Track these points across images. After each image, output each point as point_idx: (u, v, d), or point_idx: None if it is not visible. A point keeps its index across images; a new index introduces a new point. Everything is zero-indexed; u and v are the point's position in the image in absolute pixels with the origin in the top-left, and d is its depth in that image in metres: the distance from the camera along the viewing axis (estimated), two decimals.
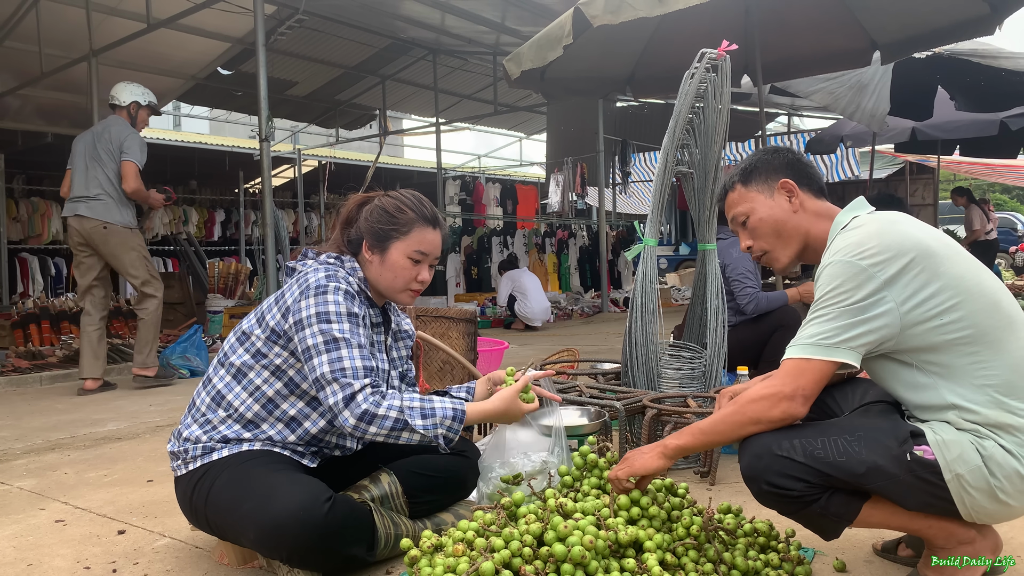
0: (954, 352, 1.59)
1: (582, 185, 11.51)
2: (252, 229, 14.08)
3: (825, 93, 7.98)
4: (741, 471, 1.73)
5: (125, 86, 5.53)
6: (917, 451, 1.57)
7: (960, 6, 5.27)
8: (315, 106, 12.48)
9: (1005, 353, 1.58)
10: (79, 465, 3.33)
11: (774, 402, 1.64)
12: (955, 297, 1.58)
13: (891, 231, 1.63)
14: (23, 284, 11.36)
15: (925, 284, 1.58)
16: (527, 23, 8.46)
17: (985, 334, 1.58)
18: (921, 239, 1.62)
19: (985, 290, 1.62)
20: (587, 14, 4.45)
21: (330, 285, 1.96)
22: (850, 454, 1.59)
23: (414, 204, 2.10)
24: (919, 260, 1.59)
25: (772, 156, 1.92)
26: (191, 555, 2.19)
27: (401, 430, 1.89)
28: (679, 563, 1.71)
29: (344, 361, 1.88)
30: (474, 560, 1.57)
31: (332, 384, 1.87)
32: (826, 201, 1.88)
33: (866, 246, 1.62)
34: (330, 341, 1.90)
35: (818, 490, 1.63)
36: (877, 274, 1.59)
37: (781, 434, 1.67)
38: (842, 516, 1.66)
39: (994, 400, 1.56)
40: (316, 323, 1.91)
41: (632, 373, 3.17)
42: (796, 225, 1.85)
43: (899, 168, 16.04)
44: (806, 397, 1.63)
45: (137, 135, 5.40)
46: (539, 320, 9.61)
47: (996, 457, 1.54)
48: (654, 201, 3.24)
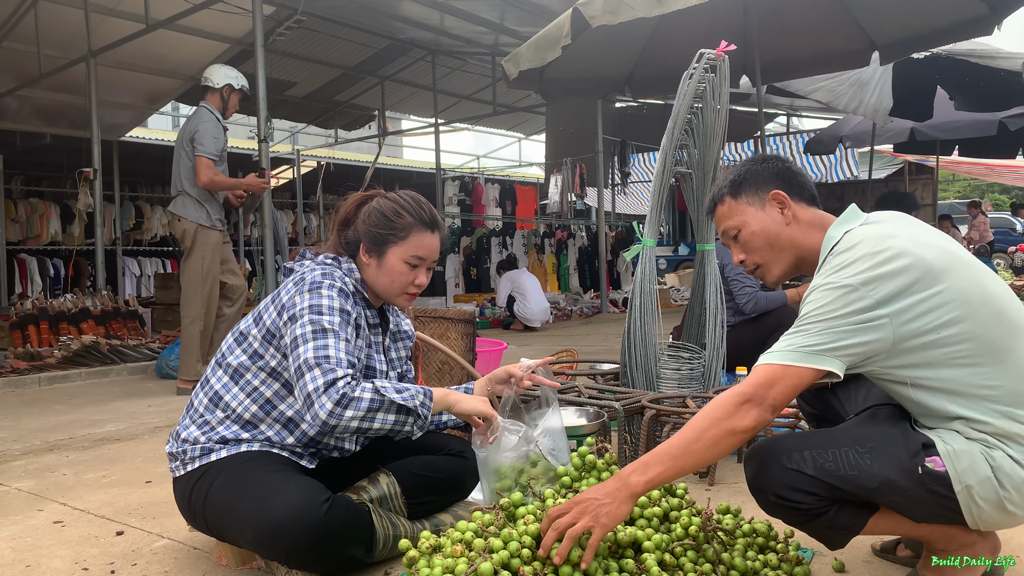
0: (955, 367, 1.54)
1: (581, 185, 11.51)
2: (251, 230, 14.06)
3: (826, 91, 7.99)
4: (747, 481, 1.71)
5: (219, 68, 5.37)
6: (928, 463, 1.53)
7: (959, 6, 5.28)
8: (314, 107, 12.48)
9: (1011, 362, 1.54)
10: (77, 466, 3.33)
11: (745, 411, 1.54)
12: (954, 311, 1.53)
13: (883, 247, 1.56)
14: (22, 285, 11.35)
15: (921, 301, 1.52)
16: (526, 24, 8.46)
17: (988, 345, 1.53)
18: (916, 252, 1.55)
19: (988, 299, 1.56)
20: (586, 15, 4.45)
21: (324, 282, 1.96)
22: (862, 468, 1.56)
23: (412, 208, 2.08)
24: (914, 276, 1.53)
25: (761, 166, 1.85)
26: (189, 556, 2.19)
27: (376, 410, 1.82)
28: (678, 563, 1.71)
29: (329, 349, 1.86)
30: (472, 561, 1.57)
31: (314, 369, 1.82)
32: (818, 210, 1.82)
33: (858, 266, 1.56)
34: (319, 331, 1.88)
35: (827, 503, 1.60)
36: (869, 293, 1.53)
37: (790, 443, 1.65)
38: (850, 528, 1.64)
39: (1001, 411, 1.53)
40: (308, 314, 1.90)
41: (631, 373, 3.17)
42: (790, 238, 1.79)
43: (898, 168, 16.06)
44: (775, 407, 1.55)
45: (210, 124, 5.16)
46: (538, 321, 9.61)
47: (1005, 468, 1.51)
48: (653, 202, 3.24)
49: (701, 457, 1.57)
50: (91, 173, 7.98)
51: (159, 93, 10.80)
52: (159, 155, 14.01)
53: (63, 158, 12.18)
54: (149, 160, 14.01)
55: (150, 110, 11.52)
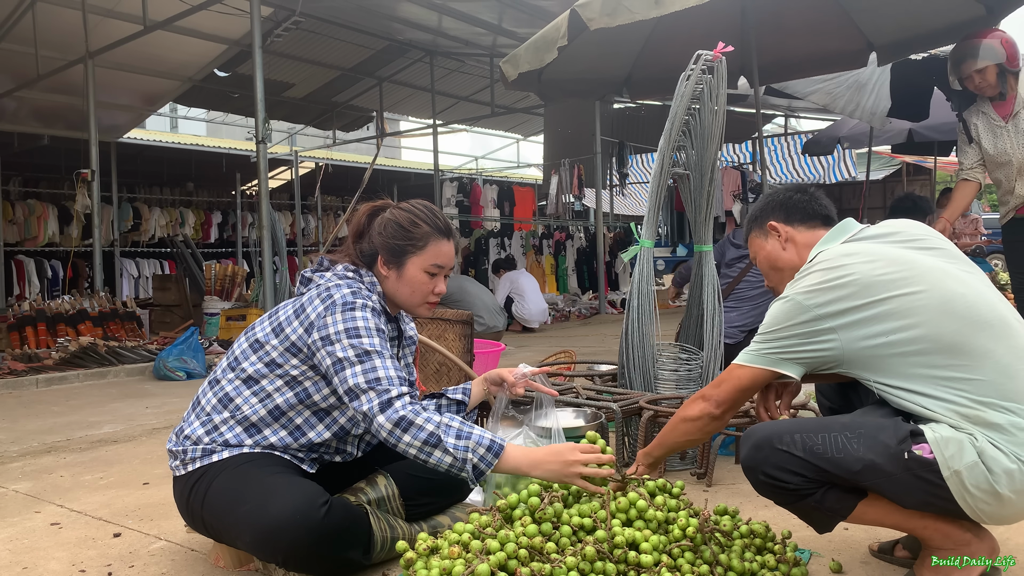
0: (916, 368, 1.64)
1: (579, 187, 11.51)
2: (249, 231, 14.05)
3: (823, 93, 7.99)
4: (740, 461, 1.79)
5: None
6: (916, 450, 1.59)
7: (956, 7, 5.28)
8: (312, 108, 12.48)
9: (985, 357, 1.61)
10: (75, 468, 3.33)
11: (695, 402, 1.88)
12: (904, 318, 1.64)
13: (836, 266, 1.73)
14: (19, 286, 11.33)
15: (868, 314, 1.66)
16: (524, 25, 8.46)
17: (952, 347, 1.62)
18: (865, 271, 1.69)
19: (951, 304, 1.65)
20: (583, 17, 4.45)
21: (357, 302, 1.94)
22: (848, 451, 1.64)
23: (428, 217, 2.08)
24: (858, 292, 1.67)
25: (768, 200, 2.08)
26: (187, 558, 2.18)
27: (434, 446, 1.79)
28: (675, 564, 1.71)
29: (379, 371, 1.86)
30: (470, 562, 1.57)
31: (368, 392, 1.83)
32: (820, 229, 1.98)
33: (808, 283, 1.74)
34: (362, 354, 1.87)
35: (815, 485, 1.68)
36: (815, 308, 1.70)
37: (784, 427, 1.73)
38: (836, 511, 1.70)
39: (982, 402, 1.59)
40: (346, 338, 1.88)
41: (629, 375, 3.17)
42: (787, 260, 2.00)
43: (896, 169, 16.05)
44: (720, 402, 1.83)
45: None
46: (536, 322, 9.60)
47: (988, 452, 1.56)
48: (650, 203, 3.24)
49: (668, 437, 1.96)
50: (89, 174, 7.99)
51: (157, 94, 10.81)
52: (157, 156, 14.05)
53: (61, 159, 12.18)
54: (147, 161, 14.02)
55: (148, 111, 11.52)
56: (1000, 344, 1.63)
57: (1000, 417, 1.57)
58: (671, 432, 1.94)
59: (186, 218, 13.27)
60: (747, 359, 1.80)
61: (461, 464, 1.80)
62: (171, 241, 13.10)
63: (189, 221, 13.33)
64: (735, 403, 1.84)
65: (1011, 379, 1.60)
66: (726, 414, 1.85)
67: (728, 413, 1.86)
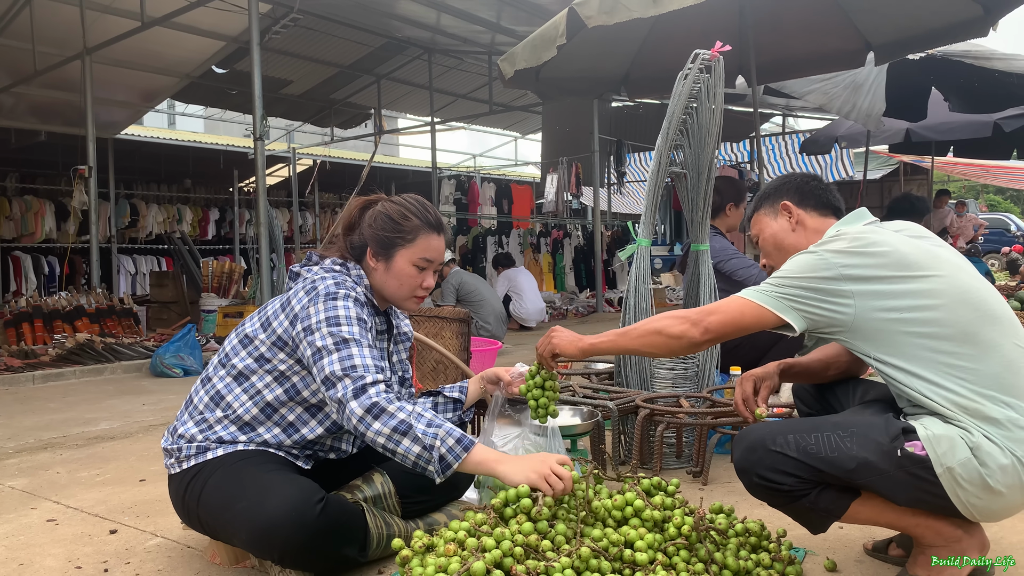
0: (923, 351, 1.64)
1: (577, 185, 11.52)
2: (246, 228, 14.02)
3: (820, 93, 7.99)
4: (734, 463, 1.77)
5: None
6: (908, 447, 1.60)
7: (954, 8, 5.29)
8: (310, 105, 12.47)
9: (991, 349, 1.62)
10: (71, 464, 3.33)
11: (679, 321, 1.78)
12: (924, 299, 1.64)
13: (865, 235, 1.73)
14: (16, 283, 11.32)
15: (891, 287, 1.66)
16: (522, 23, 8.46)
17: (962, 333, 1.63)
18: (895, 245, 1.69)
19: (966, 293, 1.66)
20: (581, 15, 4.45)
21: (340, 292, 1.95)
22: (841, 450, 1.63)
23: (418, 210, 2.09)
24: (887, 263, 1.67)
25: (783, 181, 2.08)
26: (183, 555, 2.19)
27: (404, 434, 1.75)
28: (670, 563, 1.72)
29: (355, 359, 1.85)
30: (465, 560, 1.57)
31: (343, 379, 1.82)
32: (831, 218, 1.98)
33: (838, 244, 1.72)
34: (340, 342, 1.87)
35: (809, 485, 1.67)
36: (841, 267, 1.68)
37: (777, 428, 1.72)
38: (831, 512, 1.70)
39: (980, 392, 1.60)
40: (325, 326, 1.89)
41: (625, 373, 3.18)
42: (794, 241, 1.99)
43: (893, 169, 16.06)
44: (708, 329, 1.75)
45: None
46: (534, 320, 9.60)
47: (983, 447, 1.57)
48: (648, 201, 3.25)
49: (633, 343, 1.87)
50: (86, 171, 7.97)
51: (154, 91, 10.78)
52: (154, 153, 14.04)
53: (58, 155, 12.16)
54: (144, 158, 14.01)
55: (145, 108, 11.50)
56: (1008, 339, 1.65)
57: (998, 412, 1.58)
58: (637, 339, 1.84)
59: (183, 215, 13.25)
60: (757, 297, 1.74)
61: (429, 454, 1.75)
62: (168, 238, 13.05)
63: (186, 218, 13.31)
64: (723, 337, 1.78)
65: (1014, 375, 1.62)
66: (705, 344, 1.78)
67: (708, 344, 1.79)
